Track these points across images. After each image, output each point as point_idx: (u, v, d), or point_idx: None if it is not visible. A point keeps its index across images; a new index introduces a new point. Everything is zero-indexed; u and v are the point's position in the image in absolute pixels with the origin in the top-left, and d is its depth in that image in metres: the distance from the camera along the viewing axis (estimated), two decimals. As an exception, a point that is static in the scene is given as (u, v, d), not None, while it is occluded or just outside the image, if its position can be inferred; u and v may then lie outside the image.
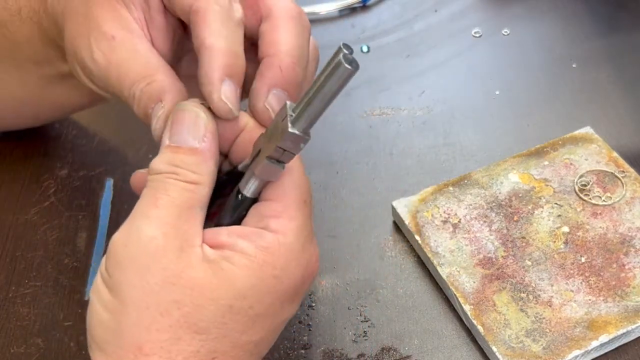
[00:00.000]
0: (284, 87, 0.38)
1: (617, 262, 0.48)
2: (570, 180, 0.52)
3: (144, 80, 0.38)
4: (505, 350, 0.44)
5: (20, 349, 0.48)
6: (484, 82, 0.63)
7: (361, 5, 0.71)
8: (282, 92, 0.38)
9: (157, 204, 0.35)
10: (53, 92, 0.51)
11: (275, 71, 0.38)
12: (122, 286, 0.34)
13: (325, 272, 0.50)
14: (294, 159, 0.36)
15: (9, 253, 0.53)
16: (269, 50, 0.38)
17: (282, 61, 0.38)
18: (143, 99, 0.38)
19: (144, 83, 0.38)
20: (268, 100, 0.38)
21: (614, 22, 0.67)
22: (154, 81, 0.38)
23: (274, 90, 0.38)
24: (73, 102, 0.52)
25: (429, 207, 0.52)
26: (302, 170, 0.38)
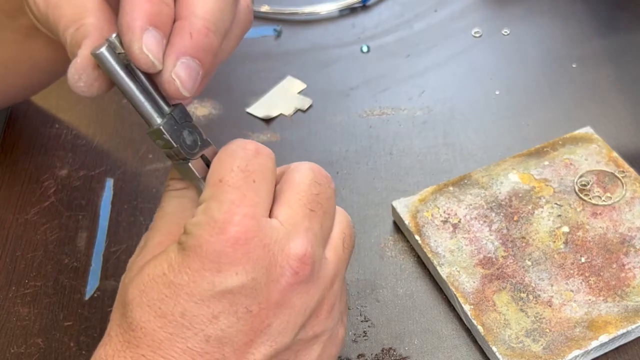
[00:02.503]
0: (195, 55, 0.35)
1: (617, 262, 0.48)
2: (570, 180, 0.52)
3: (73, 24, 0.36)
4: (505, 350, 0.44)
5: (20, 349, 0.48)
6: (484, 82, 0.63)
7: (361, 5, 0.71)
8: (192, 60, 0.35)
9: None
10: (32, 48, 0.49)
11: (185, 37, 0.34)
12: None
13: (325, 272, 0.50)
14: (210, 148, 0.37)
15: (9, 253, 0.53)
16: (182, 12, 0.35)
17: (193, 26, 0.35)
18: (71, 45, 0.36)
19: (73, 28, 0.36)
20: (175, 70, 0.34)
21: (614, 22, 0.67)
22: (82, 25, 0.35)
23: (182, 58, 0.34)
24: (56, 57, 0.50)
25: (429, 207, 0.52)
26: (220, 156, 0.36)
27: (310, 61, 0.66)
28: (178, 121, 0.36)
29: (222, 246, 0.34)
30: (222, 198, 0.35)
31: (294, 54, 0.67)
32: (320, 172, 0.38)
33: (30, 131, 0.61)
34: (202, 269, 0.34)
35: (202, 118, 0.61)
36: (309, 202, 0.37)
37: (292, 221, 0.36)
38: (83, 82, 0.35)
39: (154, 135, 0.36)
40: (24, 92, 0.58)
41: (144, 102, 0.35)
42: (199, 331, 0.34)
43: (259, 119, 0.61)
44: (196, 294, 0.34)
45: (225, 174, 0.35)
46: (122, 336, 0.35)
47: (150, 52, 0.34)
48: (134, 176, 0.58)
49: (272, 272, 0.35)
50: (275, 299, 0.35)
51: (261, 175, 0.36)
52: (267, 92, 0.63)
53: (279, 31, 0.69)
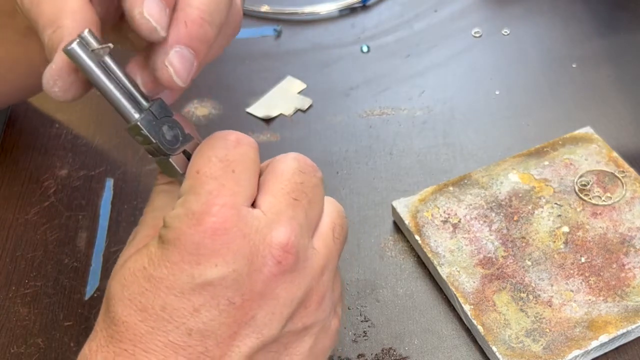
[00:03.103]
0: (189, 45, 0.34)
1: (617, 262, 0.48)
2: (570, 180, 0.52)
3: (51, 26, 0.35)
4: (505, 350, 0.44)
5: (20, 349, 0.48)
6: (484, 82, 0.63)
7: (361, 5, 0.71)
8: (186, 49, 0.34)
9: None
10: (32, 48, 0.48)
11: (180, 26, 0.34)
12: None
13: (325, 272, 0.50)
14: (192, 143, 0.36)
15: (9, 253, 0.53)
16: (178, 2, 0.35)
17: (189, 15, 0.34)
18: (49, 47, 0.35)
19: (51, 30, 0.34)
20: (169, 58, 0.34)
21: (614, 22, 0.67)
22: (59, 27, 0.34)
23: (176, 47, 0.34)
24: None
25: (429, 207, 0.52)
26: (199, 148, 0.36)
27: (310, 61, 0.66)
28: (157, 116, 0.35)
29: (200, 237, 0.33)
30: (199, 190, 0.34)
31: (294, 54, 0.67)
32: (305, 161, 0.38)
33: (30, 131, 0.61)
34: (181, 262, 0.33)
35: (202, 118, 0.61)
36: (292, 191, 0.36)
37: (274, 210, 0.35)
38: (58, 87, 0.34)
39: (132, 131, 0.35)
40: (23, 93, 0.58)
41: (120, 98, 0.34)
42: (180, 324, 0.33)
43: (259, 119, 0.61)
44: (176, 287, 0.33)
45: (202, 164, 0.35)
46: (105, 331, 0.35)
47: (152, 16, 0.33)
48: (134, 176, 0.58)
49: (254, 262, 0.34)
50: (258, 289, 0.34)
51: (242, 165, 0.35)
52: (267, 92, 0.63)
53: (279, 31, 0.69)
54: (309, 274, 0.36)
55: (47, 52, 0.35)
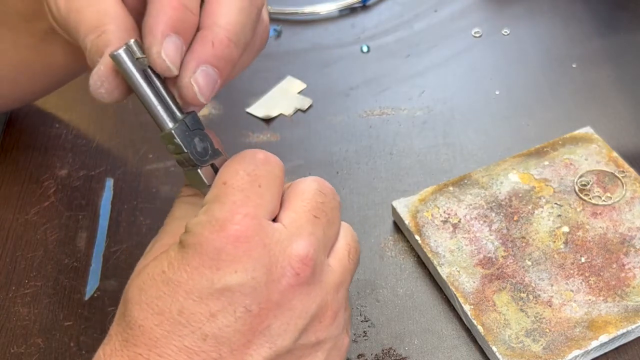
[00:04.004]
0: (215, 64, 0.36)
1: (617, 262, 0.48)
2: (570, 180, 0.52)
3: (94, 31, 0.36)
4: (505, 350, 0.44)
5: (20, 349, 0.48)
6: (484, 82, 0.63)
7: (361, 5, 0.71)
8: (212, 69, 0.36)
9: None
10: (45, 52, 0.49)
11: (206, 46, 0.35)
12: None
13: (325, 272, 0.50)
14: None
15: (9, 253, 0.53)
16: (206, 21, 0.36)
17: (216, 35, 0.36)
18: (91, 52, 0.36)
19: (94, 35, 0.36)
20: (195, 76, 0.35)
21: (614, 22, 0.67)
22: (103, 33, 0.36)
23: (202, 66, 0.35)
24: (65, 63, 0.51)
25: (429, 207, 0.52)
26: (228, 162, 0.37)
27: (310, 61, 0.66)
28: (190, 127, 0.37)
29: (222, 243, 0.34)
30: (224, 199, 0.35)
31: (294, 54, 0.67)
32: (325, 184, 0.39)
33: (30, 131, 0.61)
34: (201, 266, 0.34)
35: (202, 118, 0.61)
36: (313, 209, 0.37)
37: (295, 224, 0.36)
38: (104, 88, 0.36)
39: (165, 139, 0.36)
40: (33, 95, 0.58)
41: (157, 106, 0.36)
42: (196, 329, 0.34)
43: (259, 119, 0.61)
44: (194, 292, 0.34)
45: (230, 177, 0.36)
46: (120, 335, 0.35)
47: (168, 57, 0.34)
48: (134, 176, 0.58)
49: (273, 272, 0.34)
50: (275, 299, 0.35)
51: (267, 181, 0.36)
52: (267, 92, 0.63)
53: (279, 31, 0.69)
54: (324, 288, 0.37)
55: (90, 55, 0.36)
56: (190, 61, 0.35)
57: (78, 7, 0.37)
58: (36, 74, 0.53)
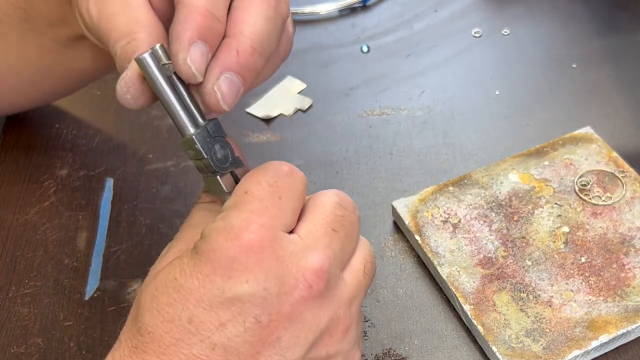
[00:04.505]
0: (238, 72, 0.36)
1: (617, 262, 0.48)
2: (570, 180, 0.52)
3: (125, 38, 0.37)
4: (505, 350, 0.44)
5: (20, 349, 0.48)
6: (484, 82, 0.63)
7: (361, 5, 0.71)
8: (235, 76, 0.36)
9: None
10: (67, 57, 0.50)
11: (231, 53, 0.36)
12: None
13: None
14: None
15: (9, 253, 0.53)
16: (232, 29, 0.36)
17: (241, 44, 0.36)
18: (121, 58, 0.37)
19: (124, 41, 0.37)
20: (218, 83, 0.35)
21: (614, 22, 0.67)
22: (133, 39, 0.37)
23: (226, 73, 0.35)
24: (86, 68, 0.51)
25: (429, 207, 0.52)
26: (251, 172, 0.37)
27: (310, 61, 0.66)
28: (211, 134, 0.37)
29: (235, 252, 0.33)
30: (242, 207, 0.35)
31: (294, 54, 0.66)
32: (346, 198, 0.39)
33: (30, 131, 0.61)
34: (213, 274, 0.34)
35: (202, 118, 0.61)
36: (331, 222, 0.37)
37: (312, 237, 0.36)
38: (130, 94, 0.36)
39: (185, 144, 0.36)
40: (51, 97, 0.59)
41: (180, 111, 0.36)
42: (205, 338, 0.34)
43: (259, 119, 0.61)
44: (205, 300, 0.33)
45: (251, 186, 0.36)
46: (130, 341, 0.35)
47: (194, 63, 0.34)
48: (134, 176, 0.58)
49: (285, 283, 0.34)
50: (286, 311, 0.34)
51: (289, 194, 0.36)
52: (267, 92, 0.63)
53: (279, 31, 0.68)
54: (337, 302, 0.36)
55: (119, 61, 0.37)
56: (214, 68, 0.35)
57: (109, 14, 0.37)
58: (57, 77, 0.53)
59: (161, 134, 0.61)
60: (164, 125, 0.61)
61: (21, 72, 0.52)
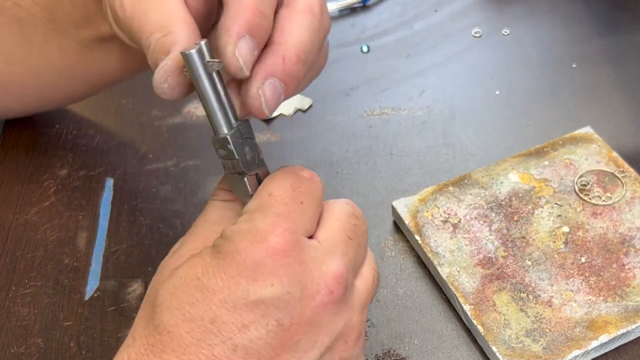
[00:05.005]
0: (282, 79, 0.36)
1: (617, 262, 0.48)
2: (570, 180, 0.52)
3: (161, 31, 0.37)
4: (505, 350, 0.44)
5: (20, 349, 0.48)
6: (484, 82, 0.63)
7: (361, 5, 0.71)
8: (279, 82, 0.36)
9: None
10: (89, 59, 0.50)
11: (277, 60, 0.36)
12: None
13: (325, 272, 0.50)
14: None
15: (9, 253, 0.53)
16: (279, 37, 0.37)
17: (287, 52, 0.36)
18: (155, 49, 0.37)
19: (160, 34, 0.37)
20: (263, 88, 0.36)
21: (614, 22, 0.67)
22: (170, 33, 0.37)
23: (270, 79, 0.36)
24: (107, 71, 0.52)
25: (429, 207, 0.52)
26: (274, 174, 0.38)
27: (310, 61, 0.66)
28: (242, 135, 0.37)
29: (262, 255, 0.34)
30: (267, 210, 0.35)
31: (294, 54, 0.67)
32: (357, 208, 0.40)
33: (30, 131, 0.61)
34: (238, 276, 0.34)
35: (203, 118, 0.61)
36: (347, 230, 0.38)
37: (331, 242, 0.37)
38: (168, 84, 0.36)
39: (218, 143, 0.37)
40: (72, 99, 0.59)
41: (217, 110, 0.36)
42: (227, 339, 0.34)
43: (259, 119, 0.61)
44: (229, 301, 0.34)
45: (275, 189, 0.36)
46: (146, 339, 0.34)
47: (241, 56, 0.35)
48: (134, 176, 0.58)
49: (308, 288, 0.35)
50: (307, 315, 0.35)
51: (309, 200, 0.37)
52: (267, 92, 0.63)
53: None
54: (352, 308, 0.37)
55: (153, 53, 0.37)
56: (259, 72, 0.36)
57: (144, 9, 0.38)
58: (77, 80, 0.53)
59: (161, 134, 0.61)
60: (164, 125, 0.61)
61: (42, 74, 0.52)
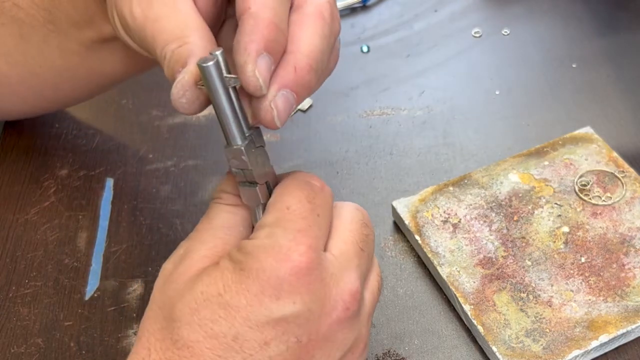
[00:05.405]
0: (294, 89, 0.35)
1: (617, 262, 0.48)
2: (570, 180, 0.52)
3: (176, 41, 0.36)
4: (505, 350, 0.44)
5: (21, 349, 0.48)
6: (484, 82, 0.63)
7: (361, 5, 0.71)
8: (291, 94, 0.35)
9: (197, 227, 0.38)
10: (91, 60, 0.50)
11: (289, 70, 0.35)
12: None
13: (325, 272, 0.50)
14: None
15: (9, 253, 0.53)
16: (290, 46, 0.36)
17: (298, 61, 0.35)
18: (172, 61, 0.36)
19: (176, 45, 0.36)
20: (275, 100, 0.35)
21: (614, 22, 0.67)
22: (185, 43, 0.36)
23: (283, 90, 0.35)
24: (110, 72, 0.51)
25: (429, 207, 0.52)
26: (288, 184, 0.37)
27: (310, 61, 0.66)
28: (255, 144, 0.37)
29: (285, 273, 0.34)
30: (288, 225, 0.35)
31: (294, 54, 0.67)
32: (366, 214, 0.39)
33: (30, 131, 0.61)
34: (262, 294, 0.33)
35: (203, 118, 0.61)
36: (360, 241, 0.38)
37: (345, 257, 0.36)
38: (186, 98, 0.35)
39: (231, 153, 0.36)
40: (75, 99, 0.58)
41: (232, 122, 0.35)
42: (248, 356, 0.34)
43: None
44: (252, 319, 0.33)
45: (293, 202, 0.36)
46: (163, 353, 0.34)
47: (261, 75, 0.34)
48: (134, 176, 0.58)
49: (326, 305, 0.35)
50: (323, 331, 0.35)
51: (323, 211, 0.37)
52: (267, 92, 0.63)
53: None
54: (361, 321, 0.37)
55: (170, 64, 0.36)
56: (272, 84, 0.35)
57: (156, 17, 0.37)
58: (79, 80, 0.53)
59: (161, 134, 0.61)
60: (164, 125, 0.61)
61: (43, 75, 0.52)
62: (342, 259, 0.36)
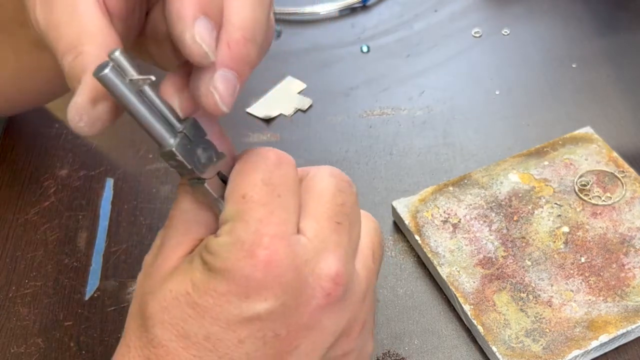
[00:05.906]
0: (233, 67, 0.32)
1: (617, 262, 0.48)
2: (570, 180, 0.52)
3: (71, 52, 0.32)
4: (505, 350, 0.44)
5: (20, 349, 0.48)
6: (484, 82, 0.63)
7: (361, 5, 0.71)
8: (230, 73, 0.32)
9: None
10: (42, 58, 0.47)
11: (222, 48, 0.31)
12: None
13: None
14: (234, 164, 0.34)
15: (9, 253, 0.53)
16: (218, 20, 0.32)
17: (231, 36, 0.32)
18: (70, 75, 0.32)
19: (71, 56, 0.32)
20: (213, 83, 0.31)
21: (614, 22, 0.67)
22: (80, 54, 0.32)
23: (220, 71, 0.31)
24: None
25: (429, 207, 0.52)
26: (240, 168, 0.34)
27: (310, 61, 0.66)
28: (191, 139, 0.33)
29: (251, 270, 0.32)
30: (247, 217, 0.32)
31: (294, 54, 0.67)
32: (342, 176, 0.36)
33: (30, 131, 0.61)
34: (229, 293, 0.32)
35: (202, 118, 0.61)
36: (335, 215, 0.34)
37: (320, 237, 0.33)
38: (84, 122, 0.32)
39: (165, 156, 0.33)
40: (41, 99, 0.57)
41: (154, 123, 0.32)
42: (224, 355, 0.33)
43: (259, 119, 0.61)
44: (221, 319, 0.32)
45: (248, 189, 0.33)
46: (141, 350, 0.33)
47: (204, 41, 0.30)
48: (134, 176, 0.58)
49: (303, 294, 0.33)
50: (304, 321, 0.33)
51: (286, 188, 0.33)
52: (267, 92, 0.63)
53: (279, 31, 0.69)
54: (354, 302, 0.35)
55: (69, 80, 0.32)
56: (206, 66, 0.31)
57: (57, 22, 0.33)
58: (39, 80, 0.51)
59: (161, 134, 0.61)
60: (164, 125, 0.61)
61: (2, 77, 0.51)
62: (317, 241, 0.33)
